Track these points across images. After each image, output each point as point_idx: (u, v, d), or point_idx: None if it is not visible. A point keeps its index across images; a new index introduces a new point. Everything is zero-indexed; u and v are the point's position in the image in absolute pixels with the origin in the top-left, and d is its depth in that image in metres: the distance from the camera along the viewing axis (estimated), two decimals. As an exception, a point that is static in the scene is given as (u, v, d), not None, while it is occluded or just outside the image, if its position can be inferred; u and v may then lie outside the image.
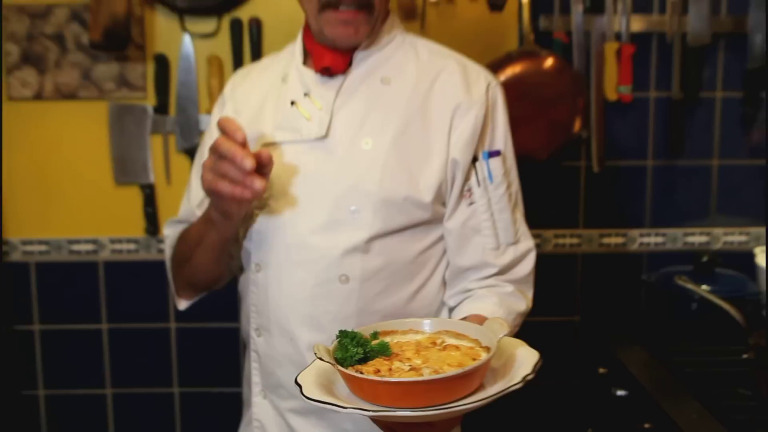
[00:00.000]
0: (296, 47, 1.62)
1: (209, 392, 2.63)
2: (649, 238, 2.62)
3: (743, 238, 2.62)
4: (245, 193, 1.36)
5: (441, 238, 1.56)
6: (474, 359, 1.15)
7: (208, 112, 2.48)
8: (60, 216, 2.56)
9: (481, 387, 1.15)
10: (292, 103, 1.56)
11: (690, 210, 2.61)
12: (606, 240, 2.61)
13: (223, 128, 1.37)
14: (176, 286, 1.72)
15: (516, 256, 1.56)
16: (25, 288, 2.58)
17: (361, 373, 1.12)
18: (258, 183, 1.35)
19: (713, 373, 1.97)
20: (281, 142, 1.54)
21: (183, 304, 1.73)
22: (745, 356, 1.90)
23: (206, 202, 1.63)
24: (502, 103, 1.58)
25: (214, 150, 1.37)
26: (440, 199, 1.52)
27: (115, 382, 2.63)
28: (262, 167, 1.38)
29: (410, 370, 1.14)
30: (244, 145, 1.36)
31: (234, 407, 1.80)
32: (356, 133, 1.51)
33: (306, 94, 1.55)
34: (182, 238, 1.65)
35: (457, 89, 1.53)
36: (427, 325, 1.29)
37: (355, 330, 1.22)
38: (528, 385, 1.12)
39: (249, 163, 1.33)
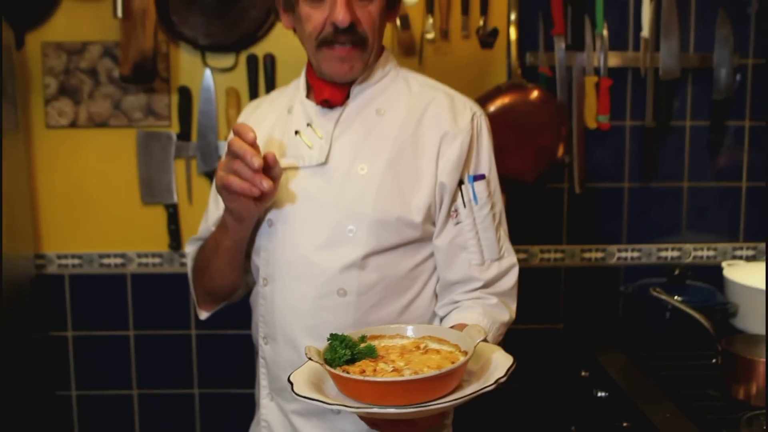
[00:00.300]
0: (300, 82, 1.62)
1: (226, 393, 2.62)
2: (626, 253, 2.61)
3: (711, 252, 2.61)
4: (253, 191, 1.37)
5: (431, 254, 1.55)
6: (453, 362, 1.15)
7: (227, 138, 2.48)
8: (92, 232, 2.56)
9: (459, 388, 1.15)
10: (296, 132, 1.56)
11: (663, 227, 2.61)
12: (587, 255, 2.61)
13: (237, 131, 1.38)
14: (197, 297, 1.71)
15: (500, 271, 1.55)
16: (60, 298, 2.57)
17: (348, 372, 1.13)
18: (266, 182, 1.37)
19: (685, 376, 1.96)
20: (286, 168, 1.53)
21: (204, 315, 1.72)
22: (714, 361, 1.89)
23: None
24: (487, 131, 1.57)
25: (228, 149, 1.38)
26: (430, 219, 1.51)
27: (141, 384, 2.62)
28: (270, 169, 1.40)
29: (393, 371, 1.14)
30: (254, 146, 1.37)
31: (248, 407, 1.79)
32: (353, 160, 1.51)
33: (308, 125, 1.55)
34: (201, 249, 1.65)
35: (445, 119, 1.52)
36: (412, 330, 1.30)
37: (346, 334, 1.22)
38: (516, 386, 1.11)
39: (257, 161, 1.35)
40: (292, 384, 1.16)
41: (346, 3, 1.41)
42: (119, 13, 2.27)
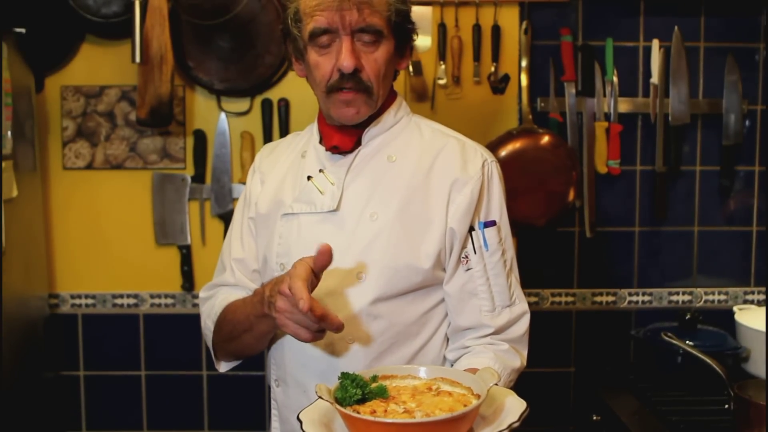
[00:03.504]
0: (314, 127, 1.64)
1: (236, 435, 2.63)
2: (636, 297, 2.62)
3: (722, 297, 2.62)
4: (308, 337, 1.35)
5: (442, 300, 1.55)
6: (465, 405, 1.15)
7: (241, 181, 2.53)
8: (105, 272, 2.59)
9: None
10: (309, 177, 1.57)
11: (674, 271, 2.62)
12: (598, 298, 2.62)
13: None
14: (217, 353, 1.66)
15: (511, 317, 1.55)
16: (73, 337, 2.60)
17: (358, 412, 1.13)
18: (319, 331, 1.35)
19: (697, 422, 1.96)
20: (298, 213, 1.55)
21: (224, 367, 1.68)
22: (726, 406, 1.89)
23: (244, 263, 1.64)
24: (498, 178, 1.58)
25: (285, 294, 1.34)
26: (440, 265, 1.52)
27: (151, 425, 2.63)
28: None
29: (404, 412, 1.14)
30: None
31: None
32: (364, 207, 1.52)
33: (320, 170, 1.56)
34: (229, 320, 1.58)
35: (455, 166, 1.54)
36: (425, 371, 1.29)
37: (357, 373, 1.22)
38: (526, 430, 1.12)
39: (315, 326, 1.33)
40: (301, 422, 1.16)
41: (350, 49, 1.44)
42: (137, 59, 2.32)
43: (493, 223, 1.54)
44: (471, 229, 1.52)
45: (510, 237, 1.58)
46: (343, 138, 1.55)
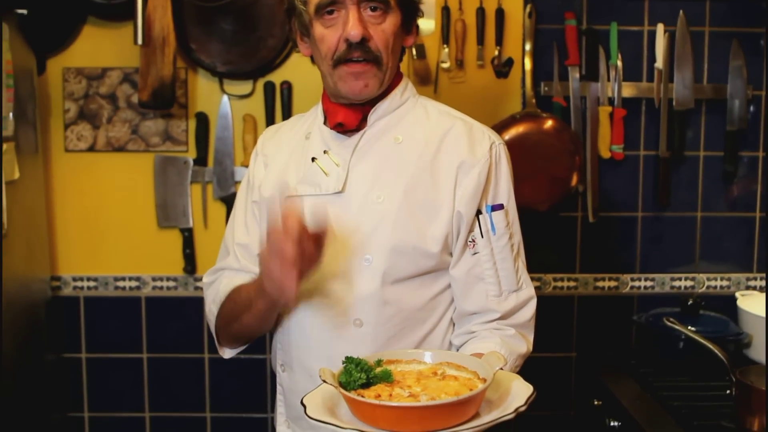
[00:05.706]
0: (318, 108, 1.62)
1: (238, 417, 2.63)
2: (639, 282, 2.61)
3: (725, 282, 2.62)
4: (280, 299, 1.30)
5: (449, 285, 1.54)
6: (471, 389, 1.14)
7: (243, 164, 2.51)
8: (107, 255, 2.58)
9: (477, 416, 1.14)
10: (313, 159, 1.55)
11: (676, 257, 2.61)
12: (600, 283, 2.61)
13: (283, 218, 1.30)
14: (220, 338, 1.65)
15: (518, 302, 1.53)
16: (75, 320, 2.59)
17: (362, 396, 1.12)
18: (290, 291, 1.28)
19: (699, 407, 1.95)
20: (303, 195, 1.52)
21: (228, 354, 1.66)
22: (728, 392, 1.89)
23: (248, 248, 1.62)
24: (506, 160, 1.56)
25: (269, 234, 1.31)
26: (447, 249, 1.50)
27: (153, 407, 2.63)
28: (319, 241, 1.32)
29: (409, 396, 1.13)
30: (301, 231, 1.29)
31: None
32: (370, 189, 1.50)
33: (325, 152, 1.54)
34: (231, 299, 1.56)
35: (462, 148, 1.51)
36: (430, 356, 1.28)
37: (361, 357, 1.21)
38: (527, 415, 1.11)
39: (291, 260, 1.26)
40: (305, 406, 1.15)
41: (358, 18, 1.42)
42: (139, 41, 2.31)
43: (500, 207, 1.52)
44: (478, 212, 1.50)
45: (517, 221, 1.56)
46: (348, 114, 1.52)
